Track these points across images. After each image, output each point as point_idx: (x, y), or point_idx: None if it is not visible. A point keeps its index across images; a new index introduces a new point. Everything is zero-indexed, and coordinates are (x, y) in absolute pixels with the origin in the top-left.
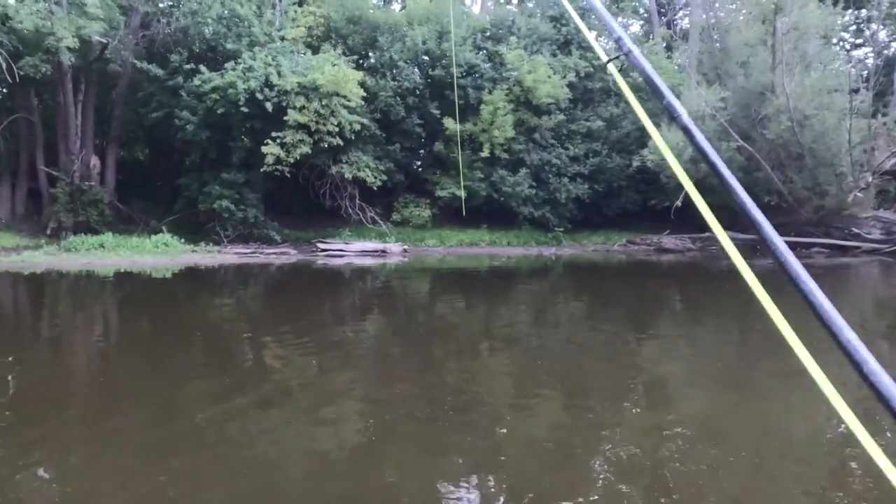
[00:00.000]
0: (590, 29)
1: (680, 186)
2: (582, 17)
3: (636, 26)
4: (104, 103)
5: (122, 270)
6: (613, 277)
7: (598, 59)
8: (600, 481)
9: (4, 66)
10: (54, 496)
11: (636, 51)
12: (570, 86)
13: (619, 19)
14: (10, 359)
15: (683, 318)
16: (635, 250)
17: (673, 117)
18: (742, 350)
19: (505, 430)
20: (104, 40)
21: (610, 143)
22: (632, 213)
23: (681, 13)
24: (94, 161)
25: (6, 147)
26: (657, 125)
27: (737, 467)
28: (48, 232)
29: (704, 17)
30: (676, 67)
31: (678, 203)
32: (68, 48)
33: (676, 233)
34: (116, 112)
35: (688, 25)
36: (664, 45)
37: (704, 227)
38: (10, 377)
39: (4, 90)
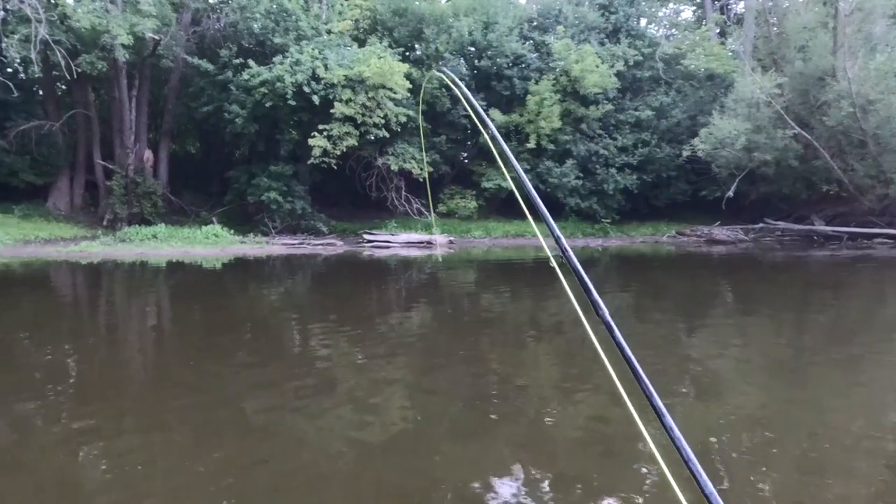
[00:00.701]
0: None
1: (732, 176)
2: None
3: (688, 12)
4: (157, 98)
5: (175, 260)
6: (662, 269)
7: (648, 47)
8: (647, 474)
9: (63, 63)
10: (109, 472)
11: (572, 254)
12: (619, 75)
13: (671, 5)
14: (71, 342)
15: (735, 309)
16: (685, 242)
17: (598, 313)
18: (797, 343)
19: (550, 421)
20: (157, 37)
21: (659, 133)
22: (681, 204)
23: None
24: (148, 154)
25: (65, 141)
26: (709, 112)
27: (788, 460)
28: (104, 223)
29: (760, 0)
30: (730, 53)
31: (730, 193)
32: (123, 45)
33: (728, 224)
34: (169, 106)
35: (742, 10)
36: (717, 30)
37: (757, 218)
38: (70, 359)
39: (63, 87)
